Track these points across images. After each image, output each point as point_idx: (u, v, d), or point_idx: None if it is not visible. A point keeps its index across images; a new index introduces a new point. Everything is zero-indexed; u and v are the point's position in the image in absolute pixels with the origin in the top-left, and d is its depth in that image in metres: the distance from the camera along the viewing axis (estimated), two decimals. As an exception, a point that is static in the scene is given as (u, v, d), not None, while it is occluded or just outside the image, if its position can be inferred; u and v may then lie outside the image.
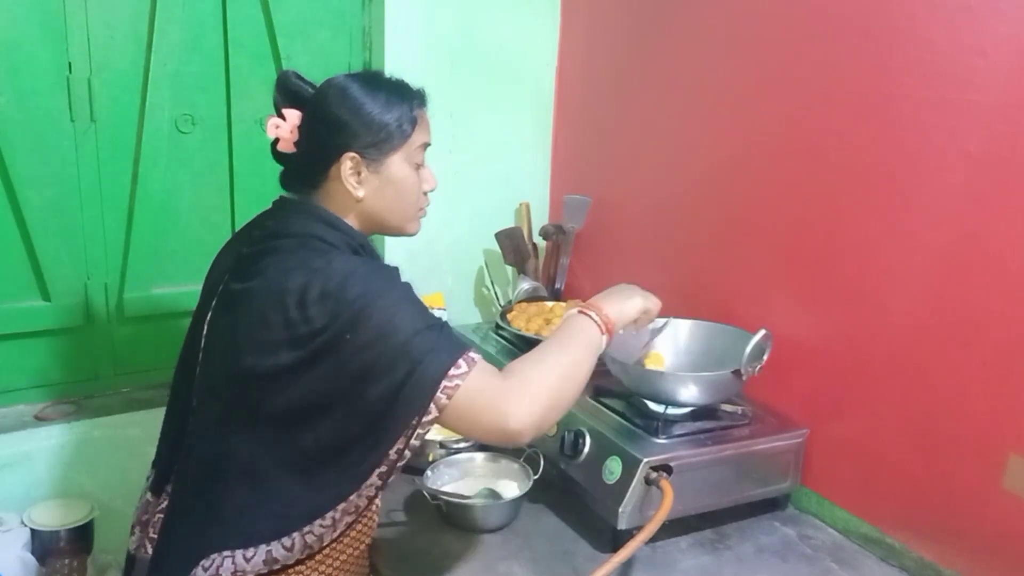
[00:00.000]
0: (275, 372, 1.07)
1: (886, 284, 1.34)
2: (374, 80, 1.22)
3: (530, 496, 1.51)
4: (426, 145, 1.25)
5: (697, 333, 1.59)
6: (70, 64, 1.71)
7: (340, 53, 1.99)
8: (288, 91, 1.22)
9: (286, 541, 1.09)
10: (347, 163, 1.17)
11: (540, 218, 2.20)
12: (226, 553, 1.08)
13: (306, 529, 1.10)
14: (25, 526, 1.75)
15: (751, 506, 1.46)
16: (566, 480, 1.44)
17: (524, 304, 1.94)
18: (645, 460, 1.31)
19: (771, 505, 1.49)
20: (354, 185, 1.19)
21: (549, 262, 2.11)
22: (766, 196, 1.55)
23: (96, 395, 1.88)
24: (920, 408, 1.30)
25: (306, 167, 1.21)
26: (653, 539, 1.24)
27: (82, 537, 1.76)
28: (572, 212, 2.05)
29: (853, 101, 1.37)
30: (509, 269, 2.13)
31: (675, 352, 1.59)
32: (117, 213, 1.82)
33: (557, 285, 2.06)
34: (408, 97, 1.22)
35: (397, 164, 1.21)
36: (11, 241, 1.74)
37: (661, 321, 1.55)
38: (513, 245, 2.06)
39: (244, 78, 1.88)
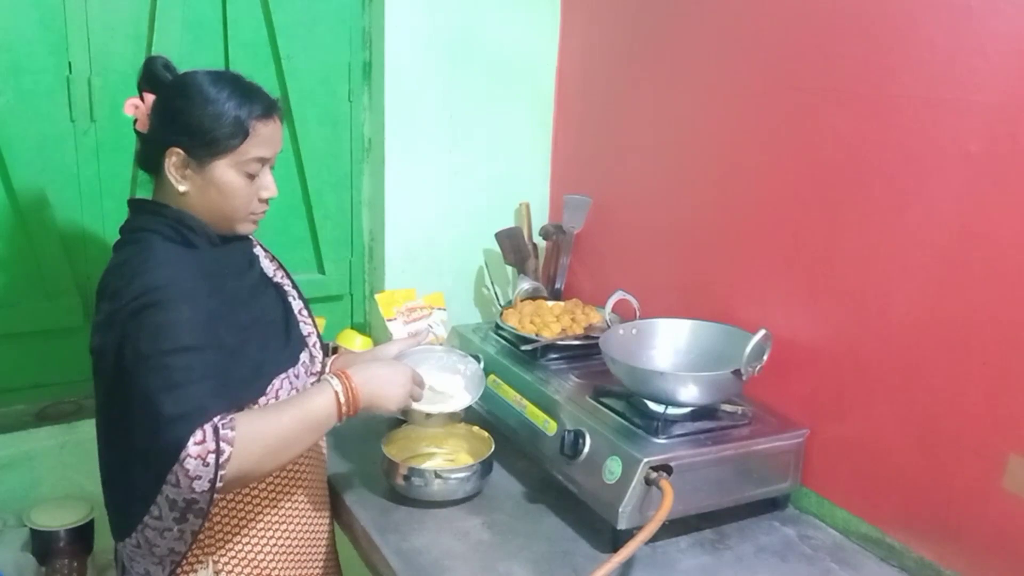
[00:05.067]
0: (93, 352, 1.22)
1: (886, 284, 1.34)
2: (221, 82, 1.25)
3: (530, 496, 1.51)
4: (263, 159, 1.27)
5: (697, 333, 1.59)
6: (70, 64, 1.71)
7: (340, 53, 1.98)
8: (150, 75, 1.27)
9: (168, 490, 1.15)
10: (172, 157, 1.23)
11: (540, 218, 2.20)
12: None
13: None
14: (25, 526, 1.76)
15: (751, 506, 1.46)
16: (566, 480, 1.44)
17: (521, 303, 1.94)
18: (645, 460, 1.31)
19: (771, 505, 1.49)
20: (177, 179, 1.24)
21: (549, 262, 2.11)
22: (766, 196, 1.55)
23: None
24: (920, 408, 1.30)
25: (147, 151, 1.28)
26: (653, 539, 1.24)
27: (82, 537, 1.76)
28: (572, 212, 2.04)
29: (853, 101, 1.37)
30: (509, 269, 2.13)
31: (675, 352, 1.59)
32: (117, 213, 1.81)
33: (557, 285, 2.06)
34: (247, 106, 1.23)
35: (222, 169, 1.24)
36: (11, 241, 1.74)
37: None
38: (513, 245, 2.06)
39: (244, 78, 1.88)
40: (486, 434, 1.56)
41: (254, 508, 1.30)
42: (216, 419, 1.11)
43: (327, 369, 1.50)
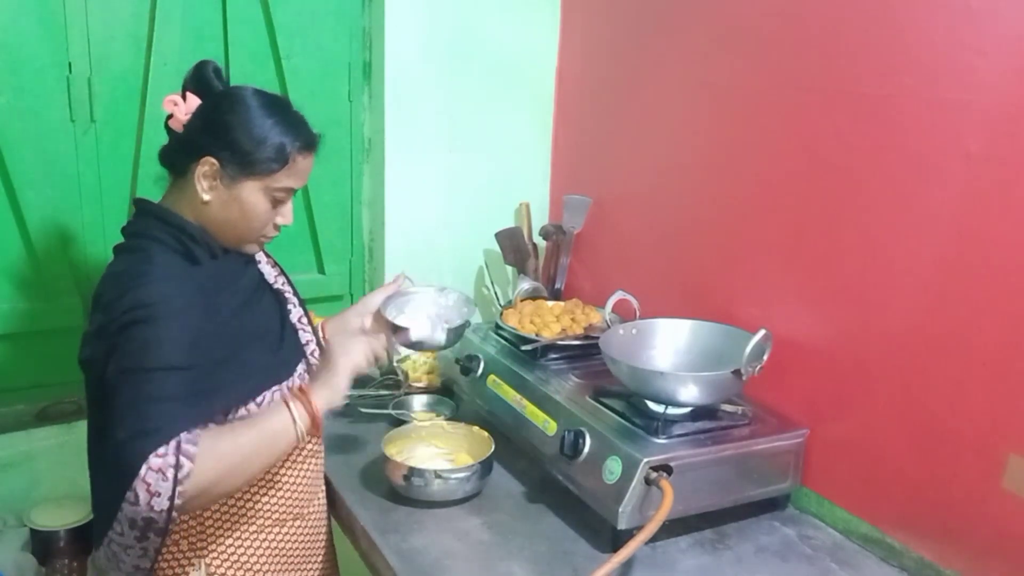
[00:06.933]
0: (82, 363, 1.23)
1: (886, 284, 1.34)
2: (272, 106, 1.26)
3: (530, 496, 1.51)
4: (291, 190, 1.29)
5: (697, 333, 1.59)
6: (70, 64, 1.71)
7: (340, 53, 1.99)
8: (201, 78, 1.28)
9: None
10: (205, 166, 1.23)
11: (540, 218, 2.20)
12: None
13: None
14: (25, 526, 1.76)
15: (751, 506, 1.46)
16: (566, 480, 1.44)
17: (521, 303, 1.94)
18: (645, 460, 1.31)
19: (771, 505, 1.49)
20: (204, 188, 1.24)
21: (549, 262, 2.11)
22: (766, 196, 1.55)
23: (96, 395, 1.88)
24: (920, 408, 1.30)
25: (177, 151, 1.27)
26: (653, 539, 1.24)
27: (82, 537, 1.76)
28: (572, 212, 2.05)
29: (853, 101, 1.37)
30: (509, 269, 2.13)
31: (675, 352, 1.59)
32: (117, 213, 1.82)
33: (557, 285, 2.06)
34: (292, 136, 1.25)
35: (250, 190, 1.25)
36: (11, 241, 1.74)
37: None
38: (513, 245, 2.06)
39: (244, 78, 1.86)
40: (486, 434, 1.56)
41: (248, 509, 1.30)
42: (182, 435, 1.09)
43: (321, 336, 1.53)
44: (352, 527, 1.45)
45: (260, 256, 1.45)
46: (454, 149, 2.07)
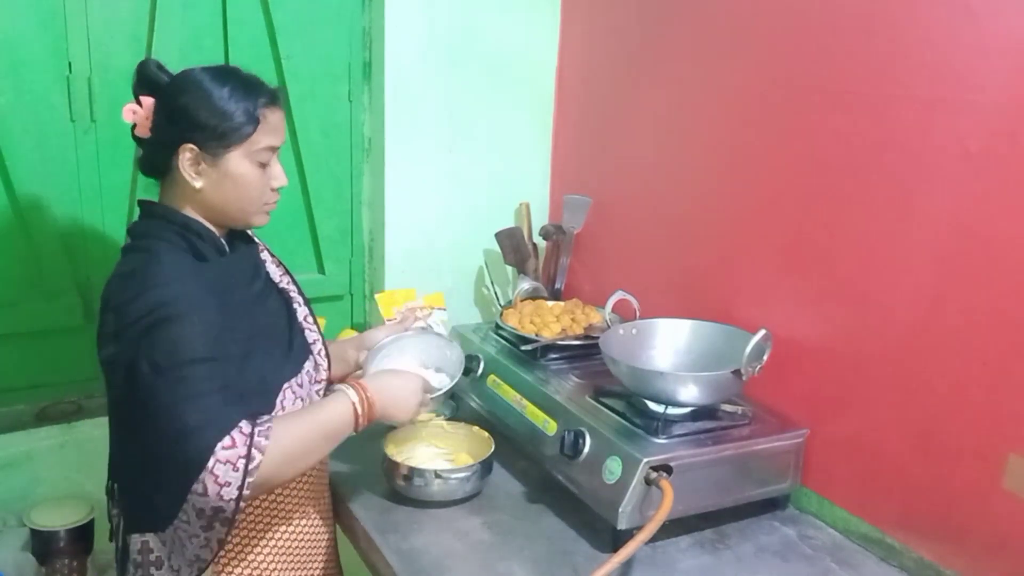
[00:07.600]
0: (103, 362, 1.22)
1: (886, 284, 1.34)
2: (223, 75, 1.26)
3: (530, 496, 1.51)
4: (273, 148, 1.29)
5: (697, 333, 1.59)
6: (70, 64, 1.71)
7: (340, 53, 1.99)
8: (145, 79, 1.28)
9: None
10: (186, 154, 1.23)
11: (540, 218, 2.20)
12: None
13: None
14: (25, 526, 1.76)
15: (751, 506, 1.46)
16: (566, 480, 1.44)
17: (521, 303, 1.94)
18: (645, 460, 1.31)
19: (771, 505, 1.49)
20: (192, 176, 1.24)
21: (549, 262, 2.11)
22: (766, 196, 1.55)
23: (96, 395, 1.88)
24: (920, 408, 1.30)
25: (153, 154, 1.28)
26: (653, 539, 1.24)
27: (82, 537, 1.76)
28: (572, 212, 2.05)
29: (853, 101, 1.37)
30: (509, 269, 2.13)
31: (675, 352, 1.59)
32: (117, 213, 1.82)
33: (557, 285, 2.06)
34: (254, 96, 1.25)
35: (236, 160, 1.25)
36: (11, 241, 1.74)
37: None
38: (513, 245, 2.06)
39: (244, 78, 1.88)
40: (486, 434, 1.56)
41: (255, 507, 1.30)
42: (246, 423, 1.12)
43: None
44: (352, 527, 1.45)
45: (266, 255, 1.45)
46: (454, 149, 2.07)
